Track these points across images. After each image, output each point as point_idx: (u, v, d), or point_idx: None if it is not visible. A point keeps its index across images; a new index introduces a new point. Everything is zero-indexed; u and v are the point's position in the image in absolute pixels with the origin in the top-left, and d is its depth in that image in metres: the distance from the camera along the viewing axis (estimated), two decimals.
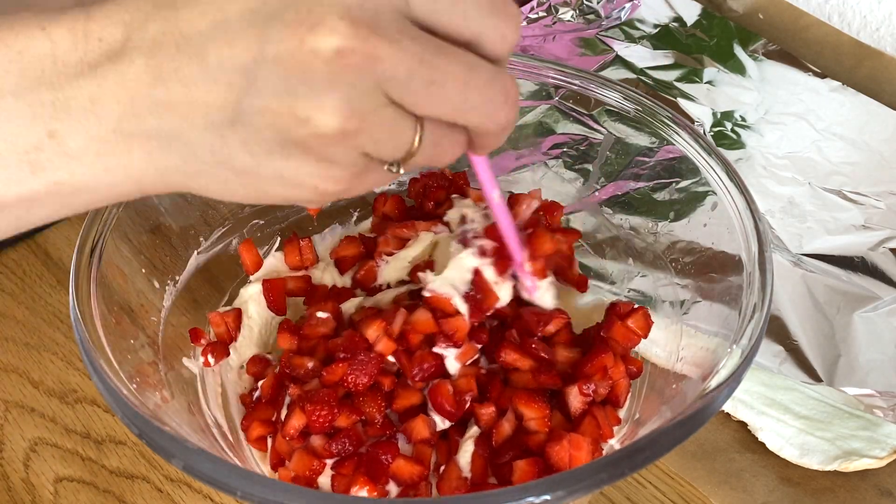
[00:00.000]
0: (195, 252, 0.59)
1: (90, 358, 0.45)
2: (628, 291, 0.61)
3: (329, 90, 0.33)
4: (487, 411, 0.50)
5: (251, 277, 0.60)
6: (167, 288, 0.56)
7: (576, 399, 0.50)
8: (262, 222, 0.62)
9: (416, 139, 0.36)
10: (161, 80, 0.34)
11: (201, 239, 0.59)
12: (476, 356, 0.52)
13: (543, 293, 0.52)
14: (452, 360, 0.51)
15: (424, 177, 0.61)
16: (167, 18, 0.34)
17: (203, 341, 0.55)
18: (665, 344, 0.55)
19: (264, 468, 0.52)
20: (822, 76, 0.85)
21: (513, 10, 0.36)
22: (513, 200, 0.54)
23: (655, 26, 0.93)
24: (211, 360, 0.54)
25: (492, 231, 0.52)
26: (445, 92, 0.35)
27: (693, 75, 0.87)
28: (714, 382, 0.44)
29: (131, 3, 0.35)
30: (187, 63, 0.34)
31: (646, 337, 0.53)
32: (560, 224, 0.59)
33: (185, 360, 0.54)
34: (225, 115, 0.34)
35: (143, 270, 0.54)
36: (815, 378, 0.61)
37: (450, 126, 0.37)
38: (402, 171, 0.37)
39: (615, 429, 0.52)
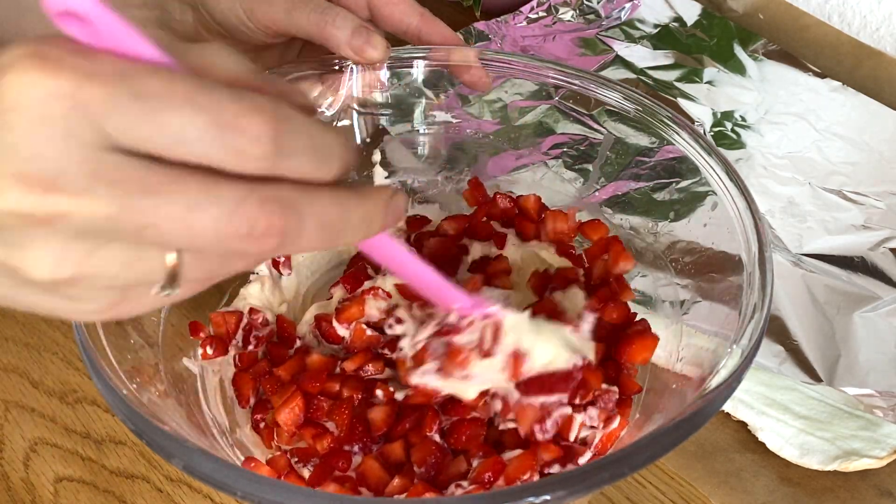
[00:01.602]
0: None
1: (90, 358, 0.45)
2: None
3: (27, 244, 0.31)
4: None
5: (251, 277, 0.60)
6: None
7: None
8: None
9: (173, 259, 0.32)
10: None
11: None
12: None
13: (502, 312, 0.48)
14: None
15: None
16: None
17: (202, 334, 0.55)
18: (665, 344, 0.55)
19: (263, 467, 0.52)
20: (822, 76, 0.85)
21: (250, 120, 0.30)
22: (550, 216, 0.56)
23: (655, 26, 0.93)
24: (210, 351, 0.54)
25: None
26: (163, 235, 0.30)
27: (693, 75, 0.87)
28: (714, 382, 0.44)
29: None
30: None
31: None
32: (572, 223, 0.60)
33: (184, 360, 0.54)
34: None
35: None
36: (815, 378, 0.61)
37: None
38: (179, 290, 0.33)
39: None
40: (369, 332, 0.54)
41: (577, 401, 0.48)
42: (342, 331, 0.55)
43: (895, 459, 0.56)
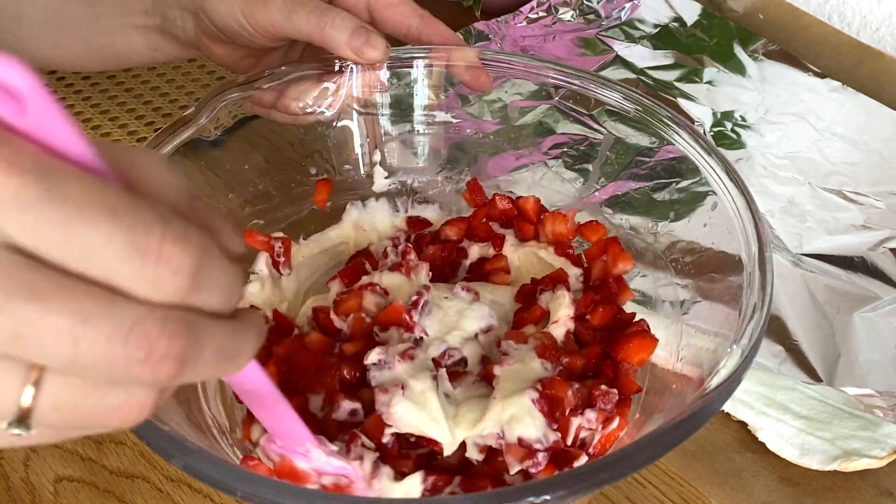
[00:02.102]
0: None
1: None
2: None
3: None
4: None
5: (251, 277, 0.60)
6: None
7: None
8: (262, 222, 0.62)
9: (26, 394, 0.27)
10: None
11: None
12: None
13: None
14: None
15: None
16: None
17: None
18: (665, 344, 0.55)
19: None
20: (822, 76, 0.86)
21: (173, 250, 0.27)
22: (549, 217, 0.57)
23: (655, 26, 0.93)
24: None
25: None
26: (44, 348, 0.26)
27: (693, 75, 0.87)
28: (714, 382, 0.44)
29: None
30: None
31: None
32: (571, 224, 0.60)
33: None
34: None
35: None
36: (815, 378, 0.61)
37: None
38: (31, 432, 0.28)
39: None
40: (368, 319, 0.55)
41: (558, 422, 0.48)
42: (339, 323, 0.55)
43: (895, 459, 0.56)
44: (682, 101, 0.84)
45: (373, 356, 0.50)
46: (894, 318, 0.65)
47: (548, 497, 0.38)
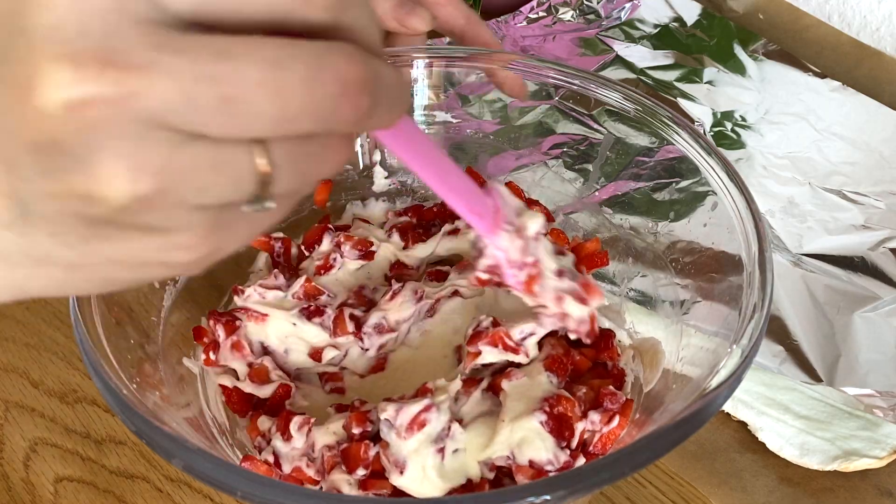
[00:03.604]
0: None
1: (90, 358, 0.44)
2: (628, 291, 0.61)
3: (93, 154, 0.25)
4: None
5: (250, 277, 0.60)
6: (167, 287, 0.56)
7: None
8: None
9: (264, 164, 0.27)
10: None
11: None
12: None
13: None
14: None
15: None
16: None
17: (205, 339, 0.55)
18: (665, 344, 0.55)
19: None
20: (822, 76, 0.85)
21: None
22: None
23: (655, 26, 0.93)
24: (212, 356, 0.54)
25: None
26: (251, 107, 0.26)
27: (693, 75, 0.87)
28: (714, 382, 0.44)
29: None
30: None
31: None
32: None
33: (185, 360, 0.54)
34: (11, 215, 0.27)
35: None
36: (815, 378, 0.61)
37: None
38: (273, 204, 0.29)
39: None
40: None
41: (568, 441, 0.48)
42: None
43: (895, 459, 0.56)
44: (682, 101, 0.84)
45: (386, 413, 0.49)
46: (894, 319, 0.65)
47: (548, 497, 0.38)
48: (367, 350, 0.56)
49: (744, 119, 0.82)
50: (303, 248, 0.60)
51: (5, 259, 0.28)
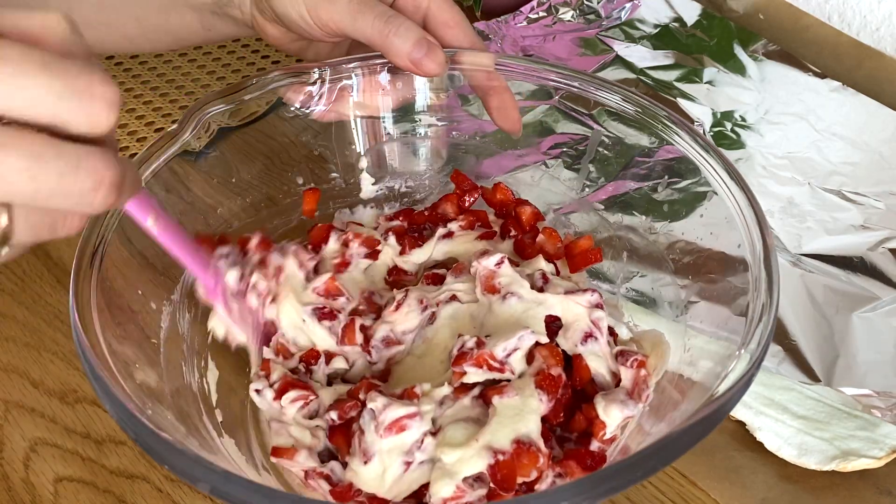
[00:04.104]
0: None
1: (90, 365, 0.45)
2: (627, 291, 0.61)
3: None
4: None
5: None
6: (168, 287, 0.56)
7: None
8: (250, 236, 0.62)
9: (5, 221, 0.35)
10: None
11: None
12: None
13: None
14: None
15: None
16: None
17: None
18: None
19: (266, 474, 0.52)
20: (822, 76, 0.85)
21: (101, 90, 0.34)
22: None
23: (655, 26, 0.93)
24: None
25: None
26: (10, 186, 0.33)
27: (693, 75, 0.87)
28: (723, 387, 0.44)
29: None
30: None
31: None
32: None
33: (183, 364, 0.54)
34: None
35: (145, 273, 0.54)
36: (814, 378, 0.61)
37: None
38: (7, 250, 0.36)
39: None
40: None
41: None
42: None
43: (893, 459, 0.56)
44: (681, 101, 0.84)
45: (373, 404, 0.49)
46: (893, 319, 0.65)
47: None
48: (374, 363, 0.56)
49: (744, 119, 0.82)
50: (309, 247, 0.60)
51: None
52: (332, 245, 0.60)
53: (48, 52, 0.33)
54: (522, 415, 0.49)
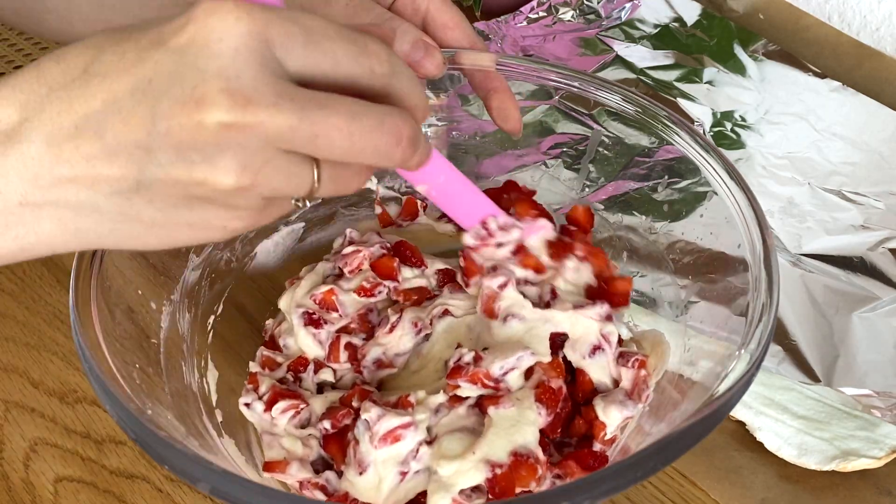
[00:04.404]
0: (196, 254, 0.59)
1: (90, 365, 0.45)
2: None
3: (219, 155, 0.36)
4: None
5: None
6: (168, 287, 0.56)
7: None
8: (252, 235, 0.62)
9: (315, 178, 0.39)
10: (63, 158, 0.37)
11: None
12: None
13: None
14: None
15: None
16: (62, 99, 0.37)
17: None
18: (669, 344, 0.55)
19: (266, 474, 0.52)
20: (822, 76, 0.85)
21: (377, 47, 0.39)
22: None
23: (655, 26, 0.93)
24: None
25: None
26: (331, 142, 0.37)
27: (693, 75, 0.87)
28: (723, 387, 0.44)
29: (26, 85, 0.38)
30: (87, 141, 0.37)
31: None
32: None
33: (183, 364, 0.54)
34: (129, 185, 0.37)
35: (145, 273, 0.54)
36: (814, 378, 0.61)
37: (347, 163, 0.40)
38: (307, 203, 0.41)
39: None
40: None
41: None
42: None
43: (893, 459, 0.56)
44: (681, 101, 0.84)
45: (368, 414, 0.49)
46: (893, 319, 0.65)
47: None
48: (365, 383, 0.55)
49: (744, 119, 0.82)
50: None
51: (102, 213, 0.38)
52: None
53: (336, 23, 0.38)
54: (519, 426, 0.48)
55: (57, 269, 0.71)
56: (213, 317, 0.59)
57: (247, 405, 0.53)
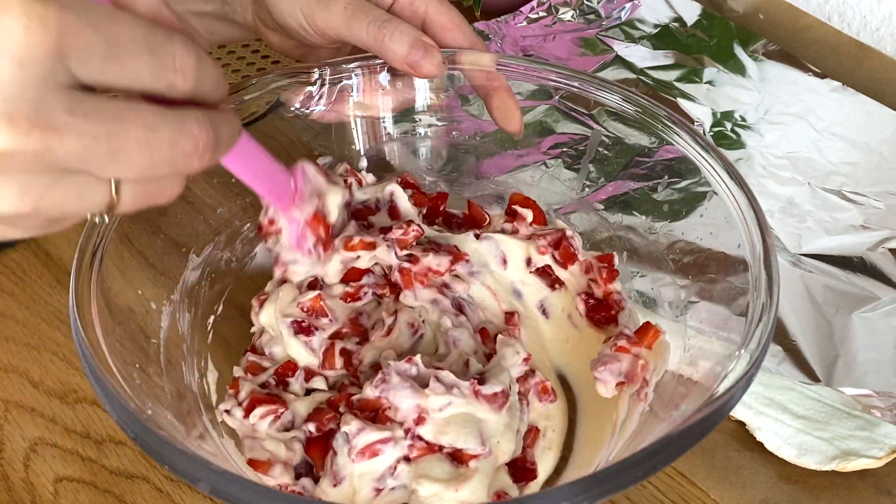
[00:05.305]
0: (196, 254, 0.59)
1: (90, 365, 0.45)
2: (627, 291, 0.61)
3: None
4: None
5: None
6: (168, 287, 0.56)
7: None
8: (252, 235, 0.62)
9: (112, 194, 0.36)
10: None
11: (203, 242, 0.59)
12: None
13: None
14: None
15: None
16: None
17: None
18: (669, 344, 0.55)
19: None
20: (822, 76, 0.85)
21: (181, 57, 0.36)
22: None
23: (655, 26, 0.93)
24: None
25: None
26: (130, 156, 0.35)
27: (693, 75, 0.87)
28: (723, 387, 0.44)
29: None
30: None
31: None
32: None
33: (183, 364, 0.54)
34: None
35: (145, 273, 0.54)
36: (814, 378, 0.61)
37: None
38: (107, 218, 0.40)
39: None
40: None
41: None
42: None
43: (893, 459, 0.56)
44: (681, 101, 0.84)
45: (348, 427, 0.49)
46: (893, 319, 0.65)
47: None
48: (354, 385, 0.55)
49: (743, 119, 0.82)
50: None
51: None
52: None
53: (147, 26, 0.35)
54: (500, 471, 0.49)
55: (57, 268, 0.71)
56: (213, 317, 0.59)
57: (227, 412, 0.53)
